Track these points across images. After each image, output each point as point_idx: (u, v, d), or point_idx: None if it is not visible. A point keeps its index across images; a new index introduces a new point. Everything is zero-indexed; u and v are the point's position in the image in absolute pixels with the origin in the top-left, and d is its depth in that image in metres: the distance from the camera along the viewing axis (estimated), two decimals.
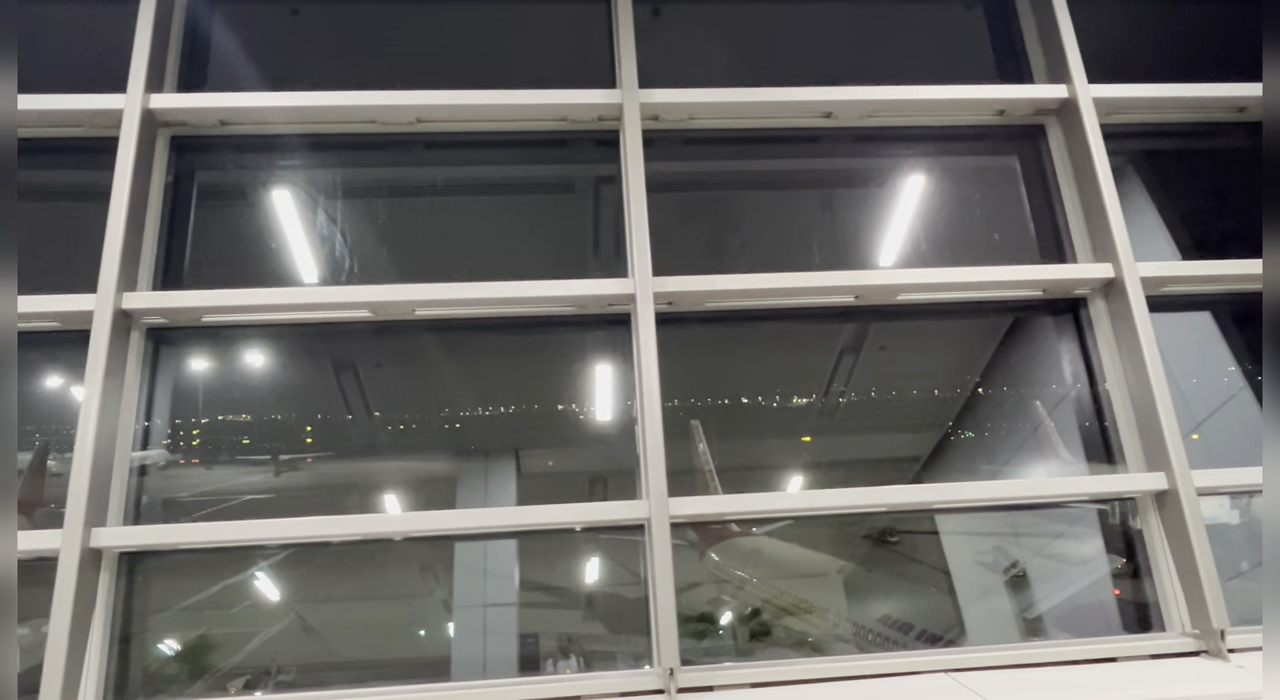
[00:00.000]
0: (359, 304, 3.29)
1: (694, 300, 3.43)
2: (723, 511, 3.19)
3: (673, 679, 2.89)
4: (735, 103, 3.59)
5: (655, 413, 3.13)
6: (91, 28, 3.74)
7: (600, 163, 3.75)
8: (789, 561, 3.43)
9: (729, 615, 3.37)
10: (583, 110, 3.60)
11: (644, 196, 3.39)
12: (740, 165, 3.77)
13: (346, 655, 3.20)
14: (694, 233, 3.68)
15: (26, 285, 3.27)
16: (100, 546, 2.94)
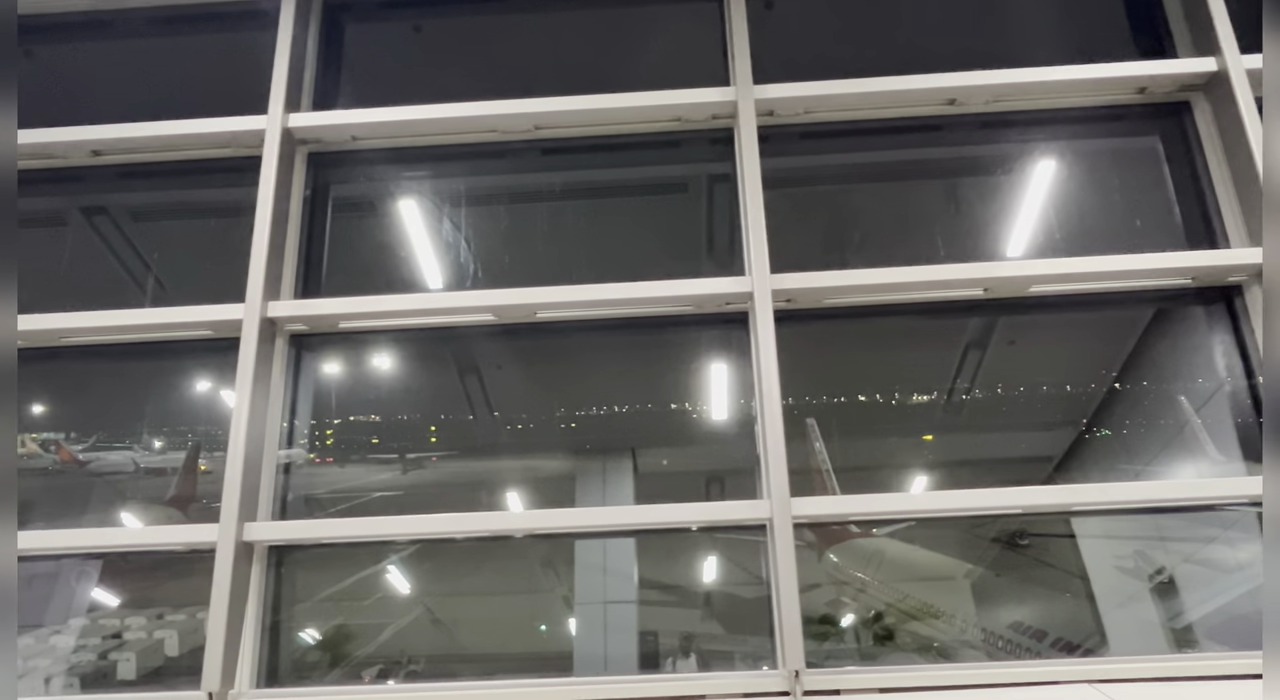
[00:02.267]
0: (483, 308, 3.40)
1: (813, 297, 3.37)
2: (846, 512, 3.13)
3: (798, 681, 2.85)
4: (853, 94, 3.51)
5: (775, 412, 3.09)
6: (229, 55, 4.00)
7: (714, 161, 3.74)
8: (913, 564, 3.33)
9: (850, 618, 3.31)
10: (697, 109, 3.59)
11: (760, 194, 3.35)
12: (859, 158, 3.68)
13: (472, 648, 3.31)
14: (811, 229, 3.62)
15: (184, 297, 3.52)
16: (252, 540, 3.14)
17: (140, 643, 3.30)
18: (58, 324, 3.43)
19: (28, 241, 3.83)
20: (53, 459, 3.64)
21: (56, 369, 3.65)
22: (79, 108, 3.85)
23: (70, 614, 3.39)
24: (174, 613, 3.37)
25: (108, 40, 4.07)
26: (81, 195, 3.85)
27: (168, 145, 3.69)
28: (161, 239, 3.83)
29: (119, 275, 3.79)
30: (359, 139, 3.71)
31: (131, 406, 3.65)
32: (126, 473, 3.61)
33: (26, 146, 3.66)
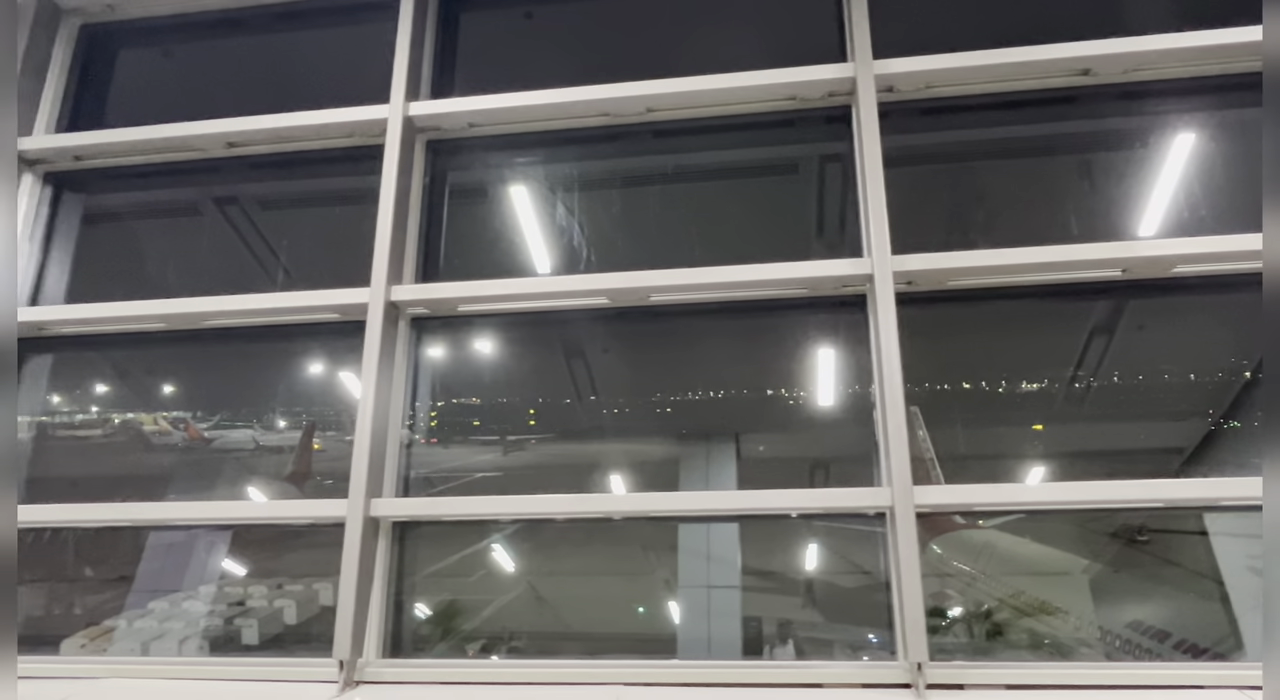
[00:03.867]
0: (598, 291, 3.41)
1: (936, 279, 3.25)
2: (970, 502, 3.02)
3: (921, 674, 2.78)
4: (979, 67, 3.36)
5: (897, 398, 3.01)
6: (348, 47, 4.13)
7: (827, 141, 3.65)
8: (1025, 558, 3.20)
9: (957, 611, 3.20)
10: (813, 87, 3.50)
11: (880, 173, 3.25)
12: (984, 133, 3.52)
13: (575, 626, 3.35)
14: (931, 209, 3.49)
15: (310, 282, 3.67)
16: (378, 515, 3.26)
17: (262, 610, 3.48)
18: (200, 307, 3.62)
19: (173, 229, 4.07)
20: (181, 436, 3.86)
21: (189, 351, 3.87)
22: (216, 102, 4.05)
23: (200, 581, 3.59)
24: (292, 583, 3.54)
25: (240, 37, 4.25)
26: (217, 185, 4.05)
27: (296, 136, 3.84)
28: (288, 226, 3.99)
29: (248, 262, 3.97)
30: (475, 126, 3.78)
31: (253, 387, 3.85)
32: (247, 450, 3.80)
33: (171, 140, 3.87)
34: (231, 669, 3.18)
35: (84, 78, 4.27)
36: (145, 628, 3.51)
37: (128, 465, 3.86)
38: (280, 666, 3.16)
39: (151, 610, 3.57)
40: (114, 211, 4.16)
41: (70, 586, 3.70)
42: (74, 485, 3.81)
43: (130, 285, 3.91)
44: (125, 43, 4.36)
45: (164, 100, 4.16)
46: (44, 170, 4.08)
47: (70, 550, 3.74)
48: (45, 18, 4.16)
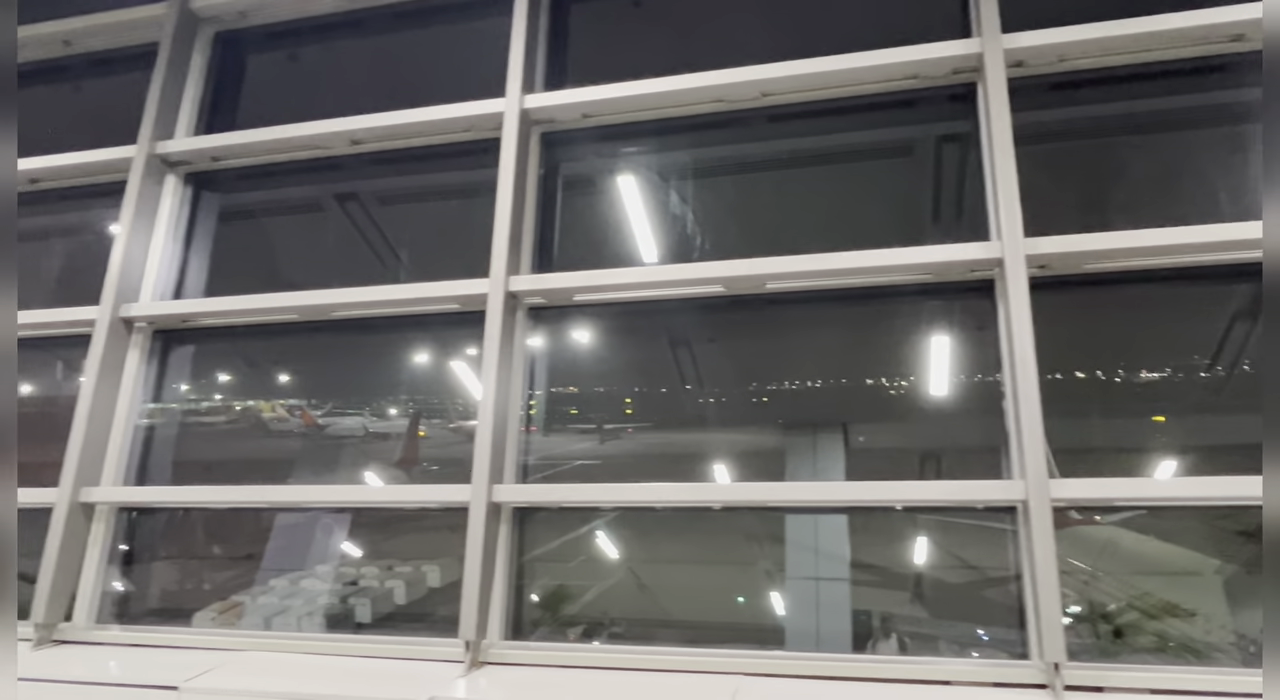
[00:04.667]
0: (713, 279, 3.39)
1: (1072, 262, 3.09)
2: (1112, 496, 2.87)
3: (1058, 675, 2.66)
4: (1119, 36, 3.17)
5: (1031, 386, 2.88)
6: (463, 43, 4.22)
7: (946, 121, 3.52)
8: (1151, 557, 3.01)
9: (1076, 610, 3.04)
10: (936, 65, 3.38)
11: (1010, 152, 3.11)
12: (1122, 107, 3.32)
13: (676, 614, 3.34)
14: (1063, 189, 3.32)
15: (427, 274, 3.76)
16: (500, 501, 3.33)
17: (373, 590, 3.60)
18: (330, 299, 3.77)
19: (300, 225, 4.25)
20: (297, 423, 4.03)
21: (308, 342, 4.04)
22: (340, 101, 4.21)
23: (317, 561, 3.75)
24: (401, 565, 3.65)
25: (361, 37, 4.40)
26: (342, 182, 4.21)
27: (416, 132, 3.95)
28: (408, 220, 4.12)
29: (370, 255, 4.12)
30: (589, 116, 3.80)
31: (363, 376, 3.98)
32: (357, 436, 3.93)
33: (299, 139, 4.04)
34: (362, 645, 3.32)
35: (219, 82, 4.50)
36: (268, 604, 3.69)
37: (248, 450, 4.06)
38: (408, 645, 3.27)
39: (273, 587, 3.75)
40: (247, 209, 4.38)
41: (200, 563, 3.93)
42: (206, 469, 4.04)
43: (262, 278, 4.10)
44: (255, 47, 4.58)
45: (292, 101, 4.34)
46: (185, 171, 4.32)
47: (200, 529, 3.97)
48: (184, 28, 4.40)
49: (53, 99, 4.89)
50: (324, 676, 3.05)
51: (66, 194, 4.56)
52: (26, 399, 4.43)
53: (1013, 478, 2.96)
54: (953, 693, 2.76)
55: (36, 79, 4.94)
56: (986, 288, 3.24)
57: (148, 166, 4.13)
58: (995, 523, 3.06)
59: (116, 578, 3.82)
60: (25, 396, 4.44)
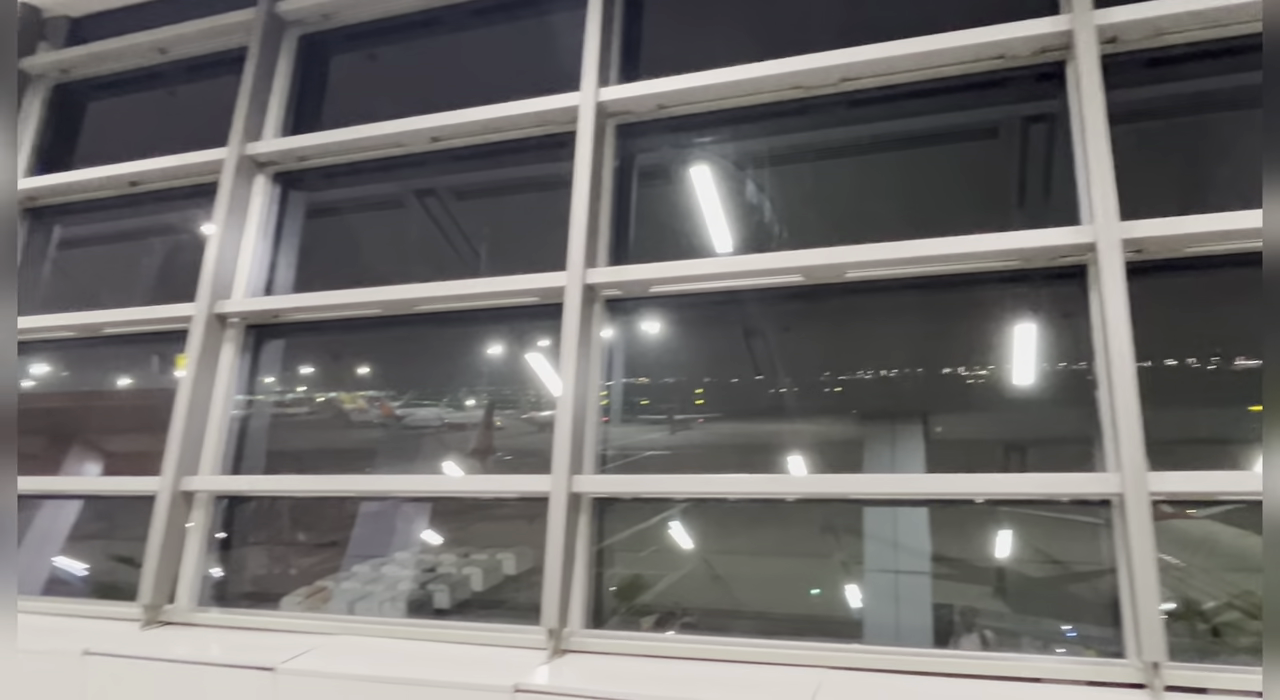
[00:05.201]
0: (793, 269, 3.35)
1: (1171, 246, 2.96)
2: (1217, 490, 2.75)
3: (1158, 674, 2.56)
4: (1218, 8, 3.01)
5: (1127, 375, 2.77)
6: (533, 38, 4.26)
7: (1032, 101, 3.41)
8: (1253, 553, 2.86)
9: (1170, 607, 2.91)
10: (1024, 44, 3.27)
11: (1104, 132, 3.00)
12: (1225, 82, 3.17)
13: (750, 605, 3.34)
14: (1158, 170, 3.18)
15: (505, 268, 3.81)
16: (580, 491, 3.36)
17: (451, 577, 3.68)
18: (413, 294, 3.86)
19: (383, 221, 4.37)
20: (376, 414, 4.13)
21: (388, 335, 4.15)
22: (420, 99, 4.29)
23: (398, 548, 3.85)
24: (478, 553, 3.72)
25: (439, 35, 4.49)
26: (421, 179, 4.30)
27: (494, 127, 4.01)
28: (486, 214, 4.19)
29: (446, 250, 4.20)
30: (664, 107, 3.80)
31: (440, 368, 4.09)
32: (433, 427, 4.02)
33: (381, 137, 4.14)
34: (447, 631, 3.39)
35: (304, 84, 4.64)
36: (352, 589, 3.81)
37: (330, 440, 4.20)
38: (491, 631, 3.33)
39: (356, 573, 3.87)
40: (332, 206, 4.51)
41: (288, 550, 4.08)
42: (294, 458, 4.19)
43: (346, 274, 4.22)
44: (338, 48, 4.70)
45: (372, 100, 4.45)
46: (273, 171, 4.47)
47: (288, 517, 4.12)
48: (271, 31, 4.54)
49: (150, 105, 5.11)
50: (412, 661, 3.14)
51: (162, 195, 4.76)
52: (126, 392, 4.67)
53: (1107, 470, 2.85)
54: (1043, 691, 2.69)
55: (134, 87, 5.17)
56: (1077, 274, 3.13)
57: (239, 167, 4.29)
58: (1080, 516, 2.98)
59: (214, 563, 3.99)
60: (125, 389, 4.68)
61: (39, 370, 4.86)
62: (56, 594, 4.24)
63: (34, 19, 5.17)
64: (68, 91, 5.29)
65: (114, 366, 4.73)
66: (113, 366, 4.73)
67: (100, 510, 4.50)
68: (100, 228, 5.01)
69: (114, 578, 4.23)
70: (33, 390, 4.85)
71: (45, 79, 5.23)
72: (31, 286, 4.96)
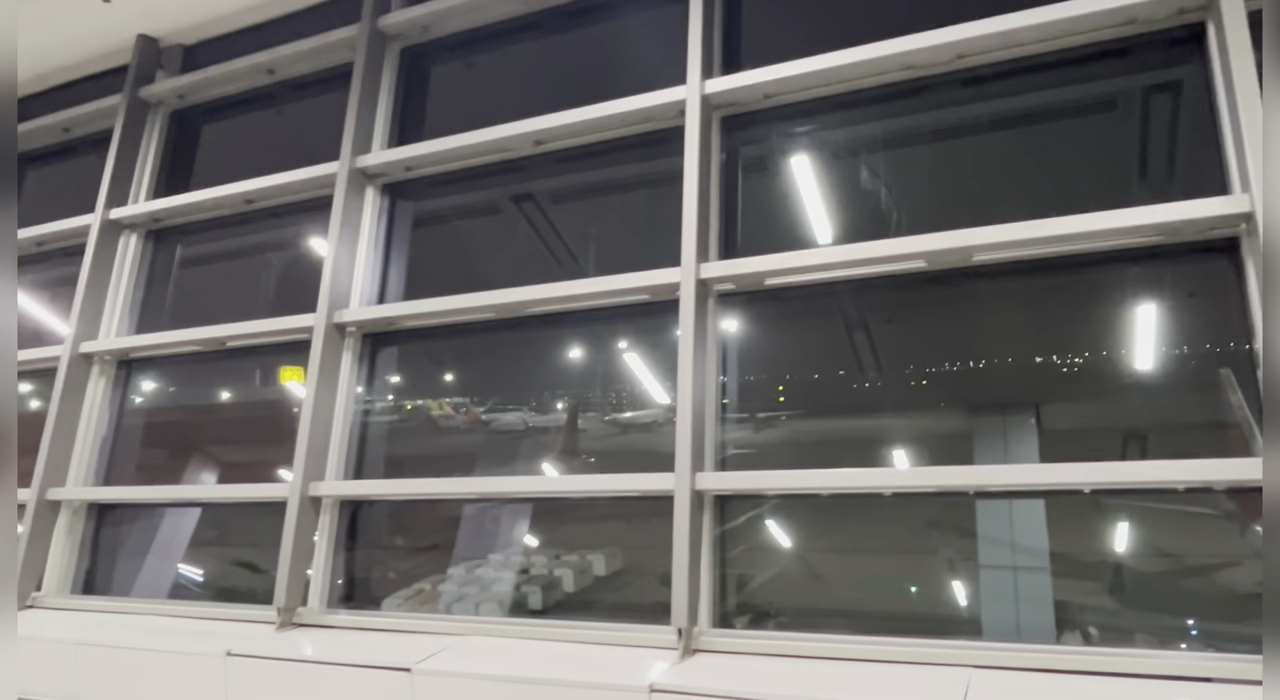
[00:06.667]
0: (916, 254, 3.25)
1: None
2: None
3: None
4: None
5: None
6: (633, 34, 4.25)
7: (1166, 68, 3.22)
8: None
9: None
10: (1158, 6, 3.09)
11: (1256, 93, 2.80)
12: None
13: (850, 604, 3.25)
14: None
15: (613, 267, 3.80)
16: (703, 489, 3.33)
17: (543, 578, 3.69)
18: (522, 296, 3.89)
19: (490, 226, 4.42)
20: (462, 419, 4.18)
21: (479, 341, 4.20)
22: (523, 103, 4.33)
23: (493, 550, 3.90)
24: (568, 554, 3.72)
25: (537, 39, 4.52)
26: (526, 182, 4.34)
27: (598, 127, 4.01)
28: (593, 214, 4.19)
29: (552, 252, 4.22)
30: (770, 96, 3.74)
31: (525, 372, 4.12)
32: (518, 431, 4.04)
33: (485, 144, 4.19)
34: (575, 631, 3.40)
35: (407, 95, 4.74)
36: (448, 591, 3.88)
37: (421, 445, 4.27)
38: (620, 631, 3.33)
39: (450, 576, 3.91)
40: (440, 214, 4.59)
41: (403, 553, 4.15)
42: (397, 463, 4.27)
43: (456, 280, 4.28)
44: (439, 58, 4.79)
45: (475, 107, 4.52)
46: (382, 183, 4.57)
47: (400, 520, 4.21)
48: (374, 46, 4.65)
49: (260, 125, 5.31)
50: (545, 661, 3.15)
51: (276, 212, 4.93)
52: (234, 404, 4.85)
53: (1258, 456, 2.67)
54: (1209, 690, 2.52)
55: (244, 108, 5.38)
56: (1225, 248, 2.94)
57: (350, 180, 4.40)
58: (1193, 508, 2.86)
59: (339, 567, 4.10)
60: (233, 402, 4.86)
61: (153, 387, 5.09)
62: (182, 598, 4.42)
63: (151, 49, 5.42)
64: (184, 117, 5.53)
65: (218, 381, 4.91)
66: (218, 381, 4.91)
67: (212, 519, 4.66)
68: (220, 246, 5.22)
69: (233, 582, 4.40)
70: (154, 404, 5.08)
71: (163, 106, 5.48)
72: (157, 305, 5.20)
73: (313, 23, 4.95)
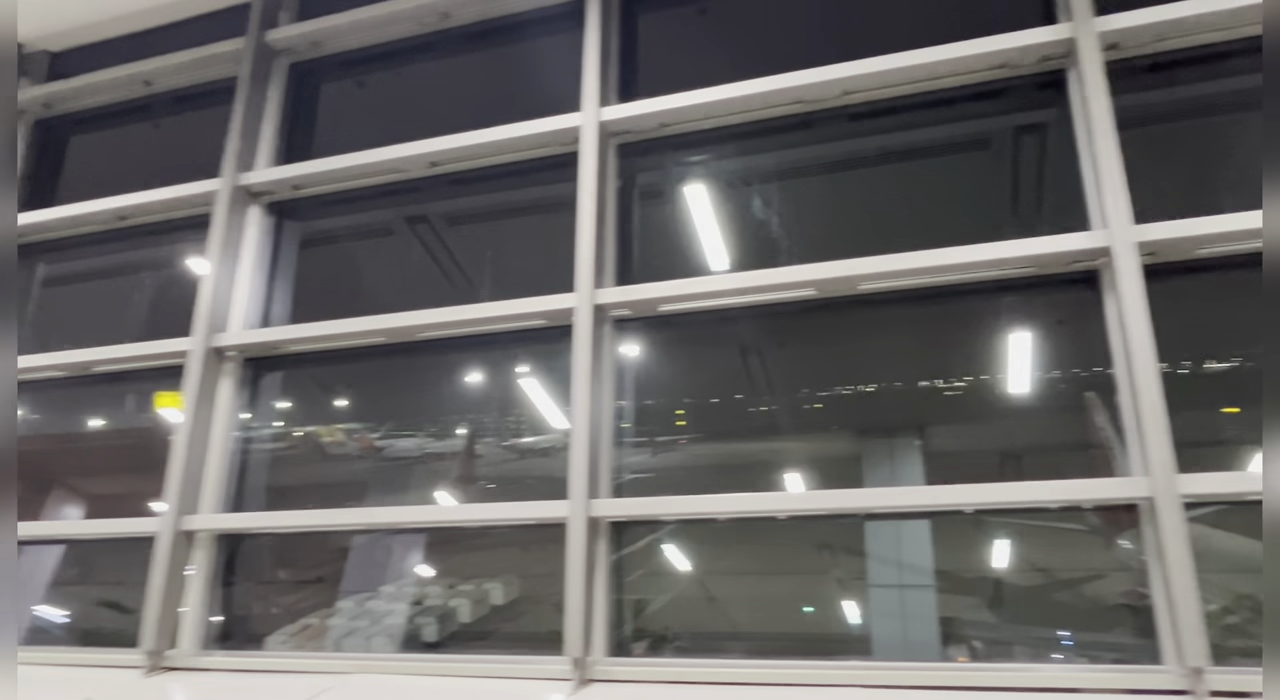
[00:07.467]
0: (806, 282, 3.33)
1: (1184, 248, 2.97)
2: (1247, 491, 2.73)
3: (1201, 680, 2.53)
4: (1222, 11, 3.05)
5: (1151, 376, 2.77)
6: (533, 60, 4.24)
7: (1033, 109, 3.43)
8: (1245, 555, 2.85)
9: None
10: (1026, 53, 3.29)
11: (1113, 136, 3.01)
12: (1227, 85, 3.20)
13: (745, 626, 3.28)
14: (1162, 175, 3.20)
15: (510, 292, 3.75)
16: (598, 516, 3.29)
17: (438, 609, 3.60)
18: (414, 321, 3.79)
19: (380, 248, 4.30)
20: (355, 446, 4.05)
21: (372, 366, 4.08)
22: (416, 124, 4.25)
23: (389, 582, 3.76)
24: (465, 583, 3.64)
25: (432, 60, 4.46)
26: (419, 205, 4.25)
27: (494, 150, 3.97)
28: (486, 238, 4.14)
29: (445, 275, 4.14)
30: (666, 125, 3.78)
31: (420, 397, 4.02)
32: (413, 457, 3.94)
33: (378, 164, 4.09)
34: (468, 665, 3.29)
35: (295, 112, 4.59)
36: (337, 625, 3.72)
37: (309, 474, 4.11)
38: (514, 664, 3.24)
39: (340, 609, 3.76)
40: (329, 235, 4.44)
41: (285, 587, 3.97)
42: (286, 494, 4.08)
43: (345, 303, 4.15)
44: (329, 76, 4.66)
45: (367, 127, 4.41)
46: (267, 201, 4.40)
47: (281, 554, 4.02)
48: (260, 61, 4.49)
49: (135, 138, 5.03)
50: (435, 697, 3.04)
51: (154, 229, 4.67)
52: (102, 433, 4.55)
53: (1133, 475, 2.83)
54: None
55: (118, 120, 5.09)
56: (1088, 279, 3.13)
57: (233, 198, 4.22)
58: (1065, 524, 3.00)
59: (216, 604, 3.87)
60: (102, 430, 4.56)
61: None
62: (41, 644, 4.08)
63: None
64: (50, 127, 5.21)
65: (87, 408, 4.60)
66: (86, 408, 4.60)
67: (76, 556, 4.35)
68: (89, 264, 4.90)
69: (97, 624, 4.10)
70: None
71: (27, 114, 5.14)
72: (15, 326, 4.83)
73: (195, 34, 4.75)
